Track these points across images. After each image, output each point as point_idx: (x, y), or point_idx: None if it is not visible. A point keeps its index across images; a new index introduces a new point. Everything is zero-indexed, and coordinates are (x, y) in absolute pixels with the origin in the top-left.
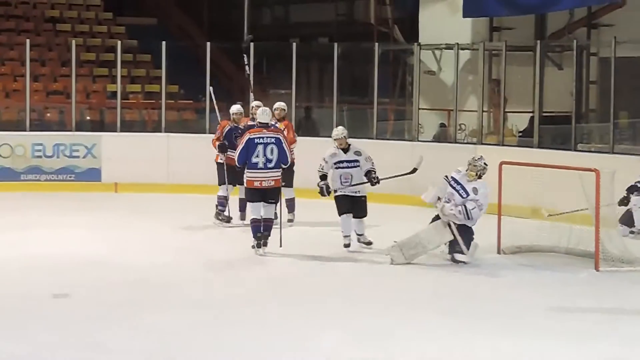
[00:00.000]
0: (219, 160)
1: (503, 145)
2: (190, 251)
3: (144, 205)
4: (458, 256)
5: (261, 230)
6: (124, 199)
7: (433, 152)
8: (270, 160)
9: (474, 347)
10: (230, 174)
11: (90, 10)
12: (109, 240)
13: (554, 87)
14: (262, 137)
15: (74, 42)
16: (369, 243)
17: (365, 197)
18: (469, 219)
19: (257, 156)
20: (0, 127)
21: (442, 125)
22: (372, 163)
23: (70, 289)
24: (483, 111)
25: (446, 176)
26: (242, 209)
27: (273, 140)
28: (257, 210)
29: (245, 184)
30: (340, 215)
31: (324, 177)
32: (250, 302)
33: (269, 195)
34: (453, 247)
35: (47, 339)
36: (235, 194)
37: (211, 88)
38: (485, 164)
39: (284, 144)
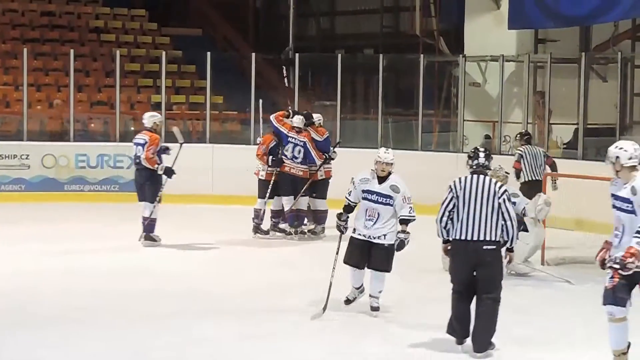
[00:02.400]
0: (260, 177)
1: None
2: (234, 262)
3: (188, 216)
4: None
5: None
6: (168, 210)
7: None
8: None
9: (511, 358)
10: (276, 187)
11: (135, 20)
12: (154, 251)
13: (598, 99)
14: None
15: (118, 52)
16: (376, 309)
17: (392, 245)
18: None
19: None
20: (43, 137)
21: (487, 136)
22: (411, 209)
23: (116, 299)
24: (528, 123)
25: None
26: (283, 220)
27: None
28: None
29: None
30: (344, 263)
31: (348, 209)
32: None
33: None
34: None
35: (94, 349)
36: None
37: (260, 101)
38: (506, 172)
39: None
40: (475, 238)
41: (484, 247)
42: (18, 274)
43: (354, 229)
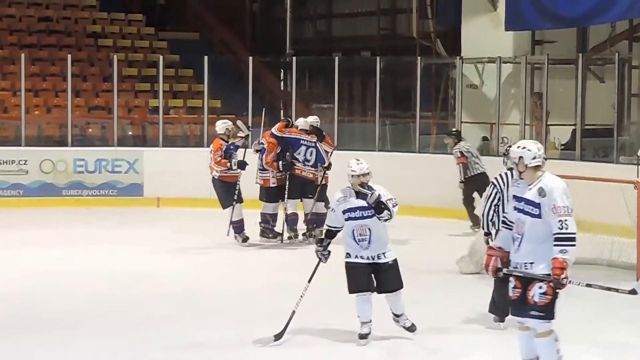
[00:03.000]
0: (272, 184)
1: (545, 158)
2: (234, 265)
3: (187, 220)
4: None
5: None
6: (166, 214)
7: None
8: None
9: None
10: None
11: (132, 25)
12: (152, 255)
13: (595, 100)
14: None
15: (115, 57)
16: (412, 329)
17: (395, 261)
18: None
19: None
20: (42, 142)
21: (484, 138)
22: (392, 199)
23: (115, 303)
24: (525, 124)
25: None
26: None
27: None
28: None
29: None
30: (351, 293)
31: (330, 233)
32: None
33: None
34: None
35: (94, 353)
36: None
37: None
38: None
39: None
40: None
41: None
42: (17, 278)
43: (347, 254)
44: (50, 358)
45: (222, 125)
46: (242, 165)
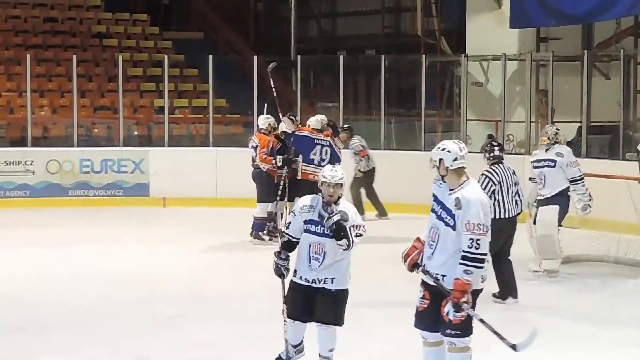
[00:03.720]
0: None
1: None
2: (239, 265)
3: (193, 219)
4: (547, 264)
5: None
6: (173, 214)
7: (481, 163)
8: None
9: (517, 357)
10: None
11: (137, 25)
12: (158, 255)
13: (601, 96)
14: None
15: (120, 57)
16: None
17: (343, 292)
18: (588, 208)
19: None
20: (47, 143)
21: (489, 136)
22: (356, 235)
23: (119, 303)
24: (531, 122)
25: (530, 178)
26: None
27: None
28: None
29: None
30: (288, 317)
31: (288, 245)
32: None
33: None
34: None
35: (98, 353)
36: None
37: (266, 105)
38: (557, 129)
39: None
40: (513, 214)
41: (515, 219)
42: (22, 278)
43: (295, 271)
44: (55, 359)
45: (264, 120)
46: (288, 162)
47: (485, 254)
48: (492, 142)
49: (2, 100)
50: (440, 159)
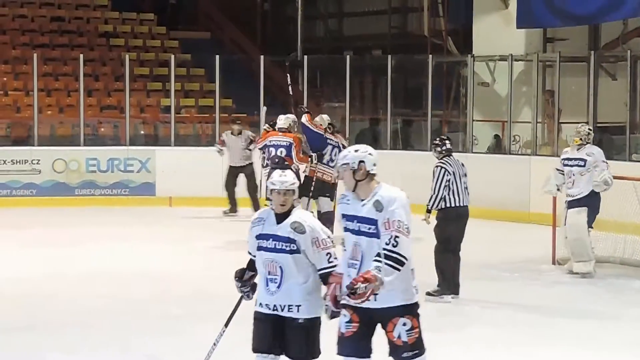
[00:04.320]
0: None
1: (557, 156)
2: (243, 265)
3: (199, 219)
4: (579, 266)
5: None
6: (179, 213)
7: (487, 164)
8: None
9: (526, 357)
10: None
11: (144, 24)
12: (164, 254)
13: (608, 97)
14: None
15: (127, 56)
16: None
17: (311, 322)
18: (607, 185)
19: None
20: (54, 142)
21: (496, 136)
22: (330, 255)
23: (125, 303)
24: (537, 122)
25: (556, 168)
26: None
27: None
28: None
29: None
30: (254, 351)
31: (251, 265)
32: None
33: None
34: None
35: (106, 352)
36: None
37: (265, 108)
38: (589, 129)
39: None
40: (466, 203)
41: (468, 209)
42: (29, 278)
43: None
44: (60, 358)
45: (286, 120)
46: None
47: (404, 257)
48: (442, 137)
49: (9, 99)
50: (361, 162)
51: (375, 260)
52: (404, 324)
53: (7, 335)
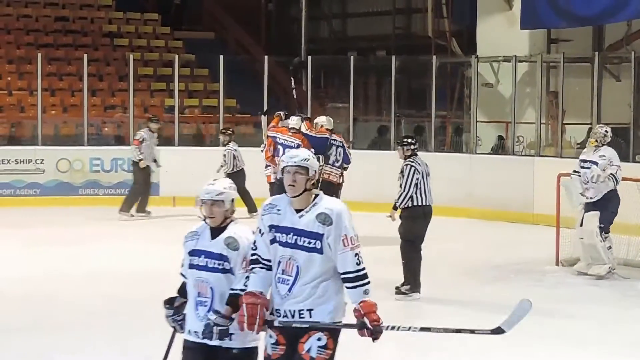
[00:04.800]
0: (273, 180)
1: (561, 157)
2: None
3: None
4: (594, 269)
5: None
6: (182, 213)
7: (491, 165)
8: None
9: (528, 357)
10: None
11: (148, 24)
12: (167, 254)
13: (612, 98)
14: None
15: (131, 56)
16: None
17: (247, 352)
18: (616, 182)
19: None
20: (58, 141)
21: (500, 137)
22: (248, 279)
23: (130, 303)
24: (541, 123)
25: (574, 170)
26: None
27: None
28: None
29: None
30: None
31: (182, 290)
32: None
33: None
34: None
35: (108, 352)
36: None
37: (264, 117)
38: (606, 130)
39: None
40: (430, 203)
41: (431, 208)
42: (33, 277)
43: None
44: (65, 358)
45: (298, 122)
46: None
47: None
48: (409, 135)
49: (13, 99)
50: (306, 168)
51: (357, 286)
52: (319, 339)
53: (8, 335)
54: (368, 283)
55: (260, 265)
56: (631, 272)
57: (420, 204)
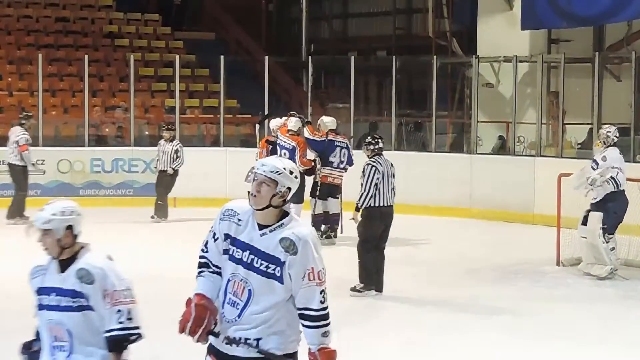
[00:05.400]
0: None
1: (562, 157)
2: None
3: (203, 220)
4: (595, 269)
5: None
6: (183, 214)
7: (492, 165)
8: None
9: (529, 357)
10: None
11: (149, 25)
12: (168, 255)
13: (612, 98)
14: None
15: (132, 57)
16: None
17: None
18: (617, 185)
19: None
20: (58, 142)
21: (500, 137)
22: (120, 314)
23: None
24: (542, 123)
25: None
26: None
27: None
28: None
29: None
30: None
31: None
32: None
33: None
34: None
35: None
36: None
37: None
38: (608, 131)
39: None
40: (391, 204)
41: (392, 209)
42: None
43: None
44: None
45: (296, 123)
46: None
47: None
48: (375, 135)
49: (14, 99)
50: (275, 181)
51: (317, 327)
52: None
53: (8, 335)
54: (329, 324)
55: (211, 270)
56: (632, 272)
57: (377, 204)
